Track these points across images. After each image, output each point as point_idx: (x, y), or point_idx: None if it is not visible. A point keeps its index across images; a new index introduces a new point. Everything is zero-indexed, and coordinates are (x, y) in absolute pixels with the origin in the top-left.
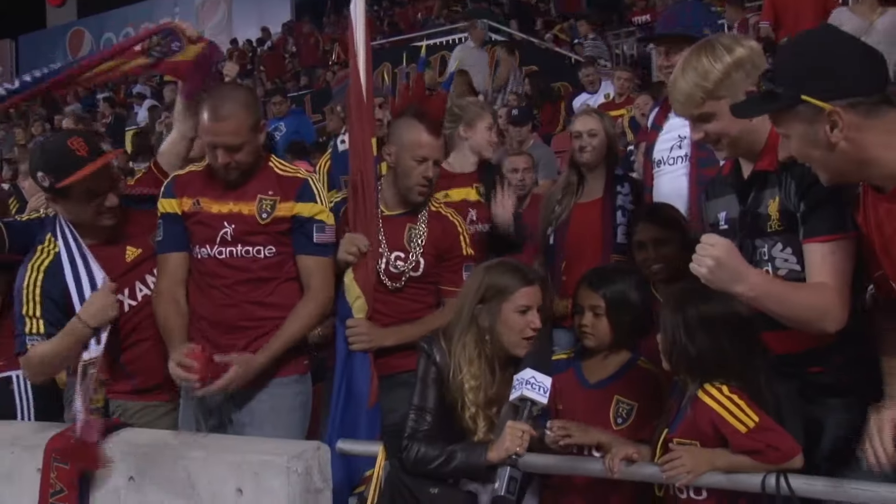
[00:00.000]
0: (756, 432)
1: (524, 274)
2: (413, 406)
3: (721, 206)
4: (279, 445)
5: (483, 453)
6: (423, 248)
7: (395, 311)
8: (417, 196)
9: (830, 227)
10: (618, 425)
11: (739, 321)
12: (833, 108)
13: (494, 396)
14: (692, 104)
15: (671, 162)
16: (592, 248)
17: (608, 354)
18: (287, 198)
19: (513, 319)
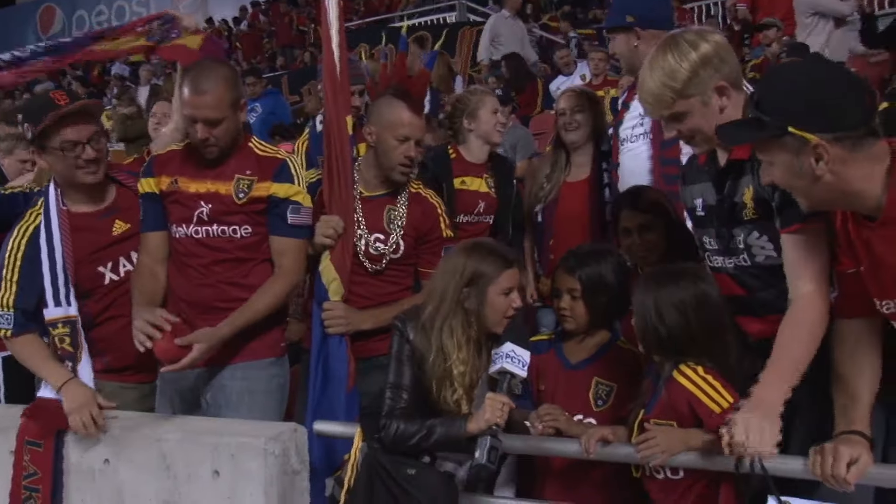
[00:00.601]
0: (730, 412)
1: (505, 257)
2: (389, 384)
3: (698, 192)
4: (256, 427)
5: (462, 425)
6: (403, 229)
7: (373, 293)
8: (400, 176)
9: (805, 215)
10: (598, 407)
11: (708, 302)
12: (819, 140)
13: (476, 377)
14: (662, 105)
15: (633, 140)
16: (581, 227)
17: (586, 336)
18: (264, 178)
19: (498, 301)
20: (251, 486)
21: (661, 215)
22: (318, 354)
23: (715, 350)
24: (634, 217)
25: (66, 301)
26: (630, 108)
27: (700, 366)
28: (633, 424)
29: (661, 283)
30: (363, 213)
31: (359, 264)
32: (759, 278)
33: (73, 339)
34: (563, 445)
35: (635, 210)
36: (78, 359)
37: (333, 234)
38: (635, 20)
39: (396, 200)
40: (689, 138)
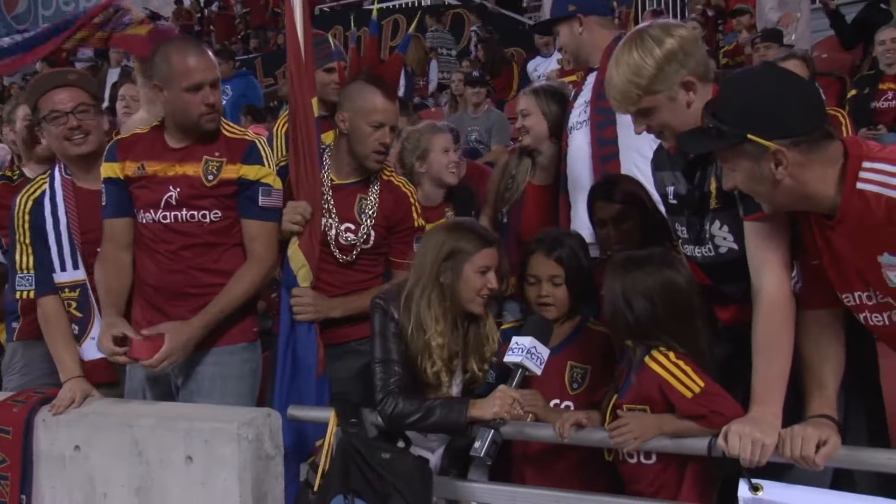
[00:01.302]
0: (701, 398)
1: (484, 236)
2: (377, 360)
3: (669, 179)
4: (229, 412)
5: (464, 410)
6: (375, 219)
7: (343, 282)
8: (374, 163)
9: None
10: (573, 390)
11: (674, 288)
12: (777, 146)
13: (455, 350)
14: (629, 102)
15: (579, 127)
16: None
17: (562, 322)
18: (233, 160)
19: (473, 278)
20: (225, 471)
21: (636, 205)
22: (286, 341)
23: (684, 335)
24: (609, 208)
25: (72, 265)
26: (577, 98)
27: (672, 351)
28: (607, 409)
29: (628, 270)
30: (334, 201)
31: (329, 254)
32: (722, 271)
33: (80, 303)
34: (537, 430)
35: (609, 201)
36: (89, 324)
37: (301, 220)
38: (576, 8)
39: (368, 189)
40: (657, 133)
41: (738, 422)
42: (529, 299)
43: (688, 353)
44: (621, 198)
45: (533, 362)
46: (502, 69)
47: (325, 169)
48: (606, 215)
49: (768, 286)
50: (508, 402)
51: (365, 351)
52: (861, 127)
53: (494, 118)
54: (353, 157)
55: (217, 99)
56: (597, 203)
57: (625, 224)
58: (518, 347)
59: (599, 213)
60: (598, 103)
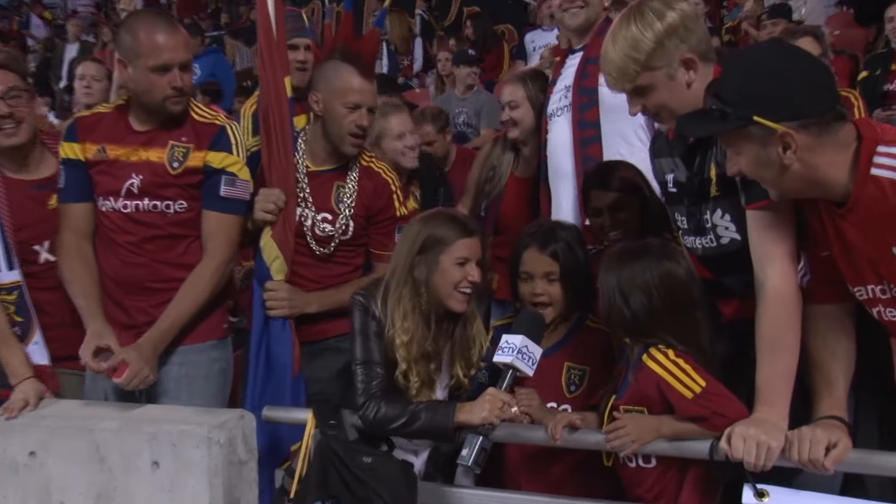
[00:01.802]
0: (702, 398)
1: (463, 225)
2: (358, 362)
3: (668, 167)
4: (199, 414)
5: (451, 414)
6: (353, 208)
7: (320, 275)
8: (350, 147)
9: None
10: (571, 393)
11: (673, 281)
12: (785, 129)
13: (431, 351)
14: (626, 78)
15: (559, 113)
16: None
17: (559, 321)
18: (201, 146)
19: (450, 271)
20: (194, 477)
21: (634, 193)
22: (259, 338)
23: (684, 332)
24: (604, 196)
25: (6, 266)
26: (557, 83)
27: (671, 349)
28: (605, 411)
29: (624, 263)
30: (310, 189)
31: (304, 246)
32: (723, 262)
33: (18, 307)
34: (529, 432)
35: (606, 188)
36: (30, 331)
37: (274, 209)
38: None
39: (346, 176)
40: (654, 115)
41: (741, 423)
42: (523, 297)
43: (688, 350)
44: (618, 185)
45: (524, 362)
46: (492, 47)
47: (300, 155)
48: (602, 203)
49: (772, 279)
50: (498, 407)
51: (344, 349)
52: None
53: (483, 100)
54: (329, 141)
55: (187, 82)
56: (592, 191)
57: (621, 213)
58: (508, 347)
59: (595, 201)
60: (581, 83)
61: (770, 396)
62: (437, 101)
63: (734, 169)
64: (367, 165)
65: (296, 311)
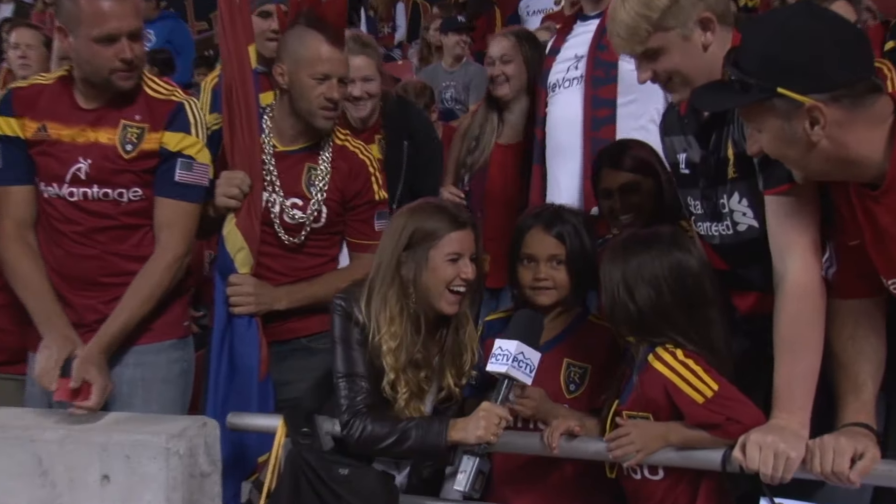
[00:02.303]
0: (714, 403)
1: (454, 216)
2: (340, 374)
3: (680, 146)
4: (156, 422)
5: (443, 432)
6: (326, 192)
7: (290, 268)
8: (322, 122)
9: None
10: (570, 393)
11: (685, 274)
12: (814, 102)
13: (421, 359)
14: (636, 39)
15: (566, 84)
16: (515, 197)
17: (559, 312)
18: (157, 126)
19: (441, 268)
20: (150, 492)
21: (648, 174)
22: (221, 337)
23: (695, 329)
24: (616, 176)
25: None
26: (561, 52)
27: (679, 349)
28: (607, 417)
29: (631, 253)
30: (277, 172)
31: (272, 234)
32: (741, 252)
33: None
34: (523, 439)
35: (618, 168)
36: None
37: (238, 194)
38: None
39: (318, 156)
40: (665, 82)
41: (758, 431)
42: (523, 283)
43: (698, 350)
44: (631, 165)
45: (521, 371)
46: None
47: (266, 134)
48: (613, 184)
49: (793, 271)
50: (495, 423)
51: (317, 349)
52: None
53: (473, 72)
54: (298, 117)
55: (137, 53)
56: (603, 170)
57: (634, 196)
58: (502, 354)
59: (605, 181)
60: (597, 54)
61: (789, 401)
62: (421, 74)
63: (755, 147)
64: (342, 145)
65: (263, 308)
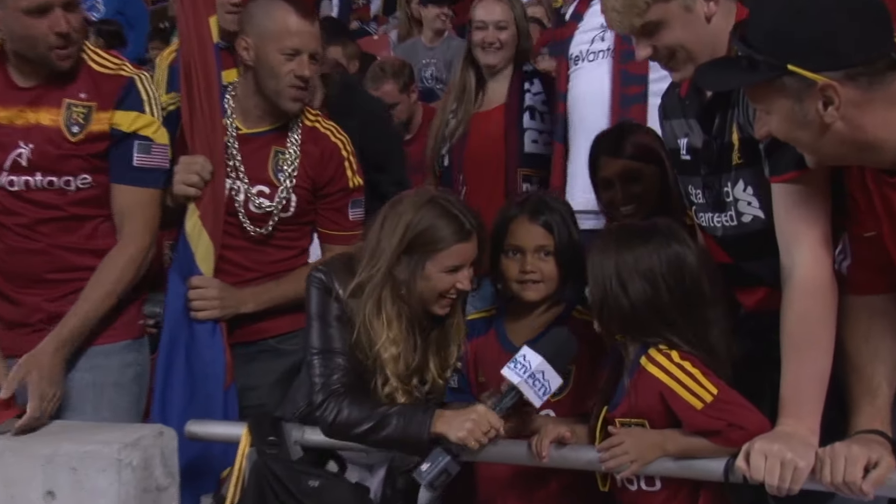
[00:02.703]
0: (714, 408)
1: (461, 225)
2: (314, 350)
3: (681, 130)
4: (107, 431)
5: (427, 422)
6: (296, 179)
7: (257, 262)
8: (291, 102)
9: (801, 159)
10: (554, 395)
11: (683, 268)
12: (827, 80)
13: (416, 365)
14: (634, 12)
15: (591, 57)
16: (497, 165)
17: (544, 308)
18: (106, 105)
19: (436, 278)
20: None
21: (651, 160)
22: (170, 340)
23: (692, 329)
24: (616, 164)
25: None
26: (584, 20)
27: (674, 350)
28: (596, 425)
29: (625, 245)
30: (242, 157)
31: (236, 225)
32: (746, 245)
33: None
34: (507, 448)
35: (617, 155)
36: None
37: (198, 181)
38: None
39: (286, 139)
40: (667, 59)
41: (763, 438)
42: (508, 276)
43: (695, 351)
44: (632, 152)
45: (533, 389)
46: None
47: (229, 115)
48: (612, 173)
49: (802, 265)
50: (482, 431)
51: (285, 350)
52: None
53: (456, 48)
54: (264, 97)
55: (74, 25)
56: (601, 158)
57: (636, 185)
58: (521, 365)
59: (604, 170)
60: None
61: (797, 406)
62: (399, 50)
63: (763, 131)
64: (312, 126)
65: (228, 313)
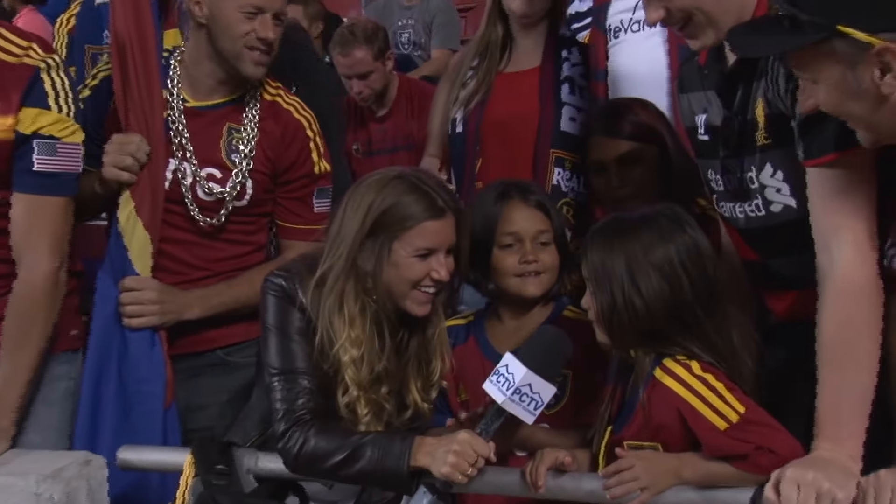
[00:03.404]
0: (740, 429)
1: (433, 201)
2: (275, 371)
3: (699, 105)
4: (24, 460)
5: (405, 454)
6: (253, 161)
7: (206, 259)
8: (251, 68)
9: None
10: (550, 408)
11: (705, 259)
12: (884, 44)
13: (384, 371)
14: None
15: (635, 28)
16: (524, 139)
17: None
18: (10, 107)
19: (405, 265)
20: None
21: (652, 141)
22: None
23: (717, 336)
24: (610, 146)
25: None
26: None
27: (694, 360)
28: (600, 448)
29: (629, 235)
30: (189, 133)
31: (182, 215)
32: (774, 239)
33: None
34: (499, 478)
35: (612, 135)
36: None
37: (132, 164)
38: None
39: (242, 115)
40: (682, 23)
41: (796, 465)
42: (504, 270)
43: (718, 362)
44: (630, 131)
45: (522, 405)
46: None
47: (174, 84)
48: (608, 156)
49: (842, 264)
50: (469, 461)
51: (237, 364)
52: None
53: (436, 7)
54: (218, 62)
55: None
56: (594, 138)
57: (635, 168)
58: (504, 378)
59: (598, 152)
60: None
61: (836, 427)
62: (370, 10)
63: (808, 103)
64: (273, 101)
65: (169, 320)
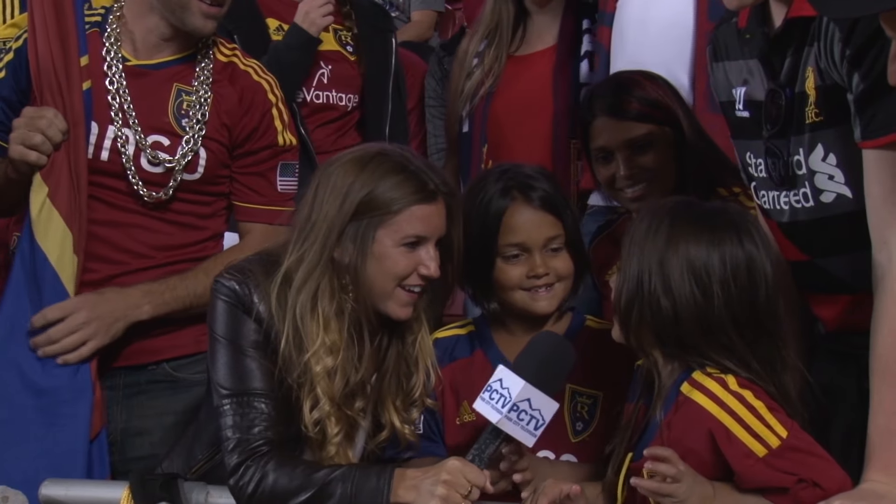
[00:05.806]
0: (782, 457)
1: (423, 182)
2: (225, 392)
3: (737, 75)
4: None
5: (384, 490)
6: (206, 128)
7: (152, 245)
8: (200, 20)
9: None
10: (577, 434)
11: (756, 278)
12: None
13: (360, 384)
14: None
15: None
16: (538, 128)
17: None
18: None
19: (393, 256)
20: None
21: (666, 121)
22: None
23: (756, 348)
24: (617, 128)
25: None
26: None
27: (730, 374)
28: (618, 477)
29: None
30: (132, 96)
31: (124, 191)
32: (825, 234)
33: None
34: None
35: (619, 116)
36: None
37: (42, 143)
38: None
39: (193, 75)
40: None
41: (844, 497)
42: (508, 284)
43: (757, 380)
44: (638, 110)
45: (520, 425)
46: None
47: (111, 41)
48: (614, 141)
49: None
50: (461, 493)
51: (185, 380)
52: None
53: None
54: (162, 15)
55: None
56: (596, 121)
57: (645, 154)
58: (497, 395)
59: (601, 137)
60: None
61: (891, 455)
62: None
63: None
64: (228, 61)
65: (116, 330)
